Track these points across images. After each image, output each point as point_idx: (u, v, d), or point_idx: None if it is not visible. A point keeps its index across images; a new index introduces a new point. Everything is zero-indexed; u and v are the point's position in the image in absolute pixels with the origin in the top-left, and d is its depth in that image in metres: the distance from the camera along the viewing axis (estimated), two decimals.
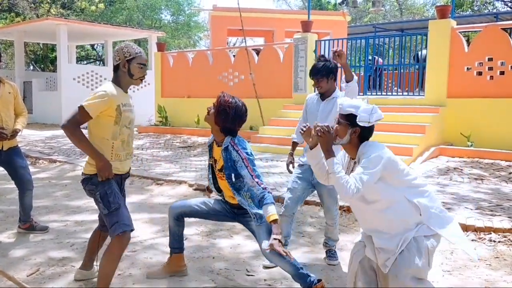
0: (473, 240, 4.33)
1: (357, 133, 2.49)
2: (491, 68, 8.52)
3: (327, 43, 11.07)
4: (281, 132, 9.62)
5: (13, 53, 20.59)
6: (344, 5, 20.51)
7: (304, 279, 3.03)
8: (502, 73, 8.43)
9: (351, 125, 2.48)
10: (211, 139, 3.31)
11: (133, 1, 25.64)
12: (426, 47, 9.45)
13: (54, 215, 5.17)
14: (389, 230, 2.44)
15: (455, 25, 9.08)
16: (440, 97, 8.92)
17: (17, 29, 17.41)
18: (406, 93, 10.25)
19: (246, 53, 11.63)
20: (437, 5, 22.60)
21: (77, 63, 22.93)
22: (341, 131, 2.50)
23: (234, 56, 12.68)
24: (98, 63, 30.14)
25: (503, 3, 24.46)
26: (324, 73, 3.65)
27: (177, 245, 3.44)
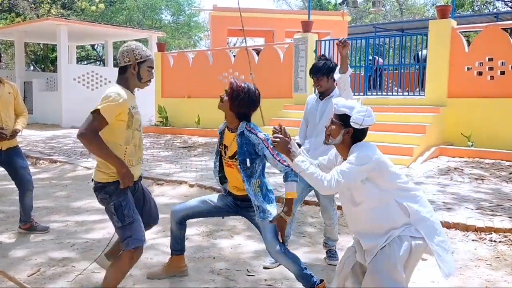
0: (473, 240, 4.33)
1: (350, 134, 2.46)
2: (491, 68, 8.51)
3: (327, 43, 11.07)
4: None
5: (14, 54, 20.60)
6: (344, 5, 20.50)
7: (307, 279, 3.03)
8: (502, 73, 8.43)
9: (344, 126, 2.46)
10: (222, 126, 3.27)
11: (133, 1, 25.66)
12: (426, 47, 9.45)
13: (54, 216, 5.17)
14: (377, 230, 2.42)
15: (455, 25, 9.08)
16: (440, 97, 8.92)
17: (18, 30, 17.41)
18: (406, 93, 10.24)
19: (246, 53, 11.63)
20: (438, 5, 22.59)
21: (77, 64, 22.94)
22: (334, 131, 2.49)
23: (234, 56, 12.69)
24: (98, 64, 30.15)
25: (503, 3, 24.46)
26: (324, 72, 3.68)
27: (178, 247, 3.43)
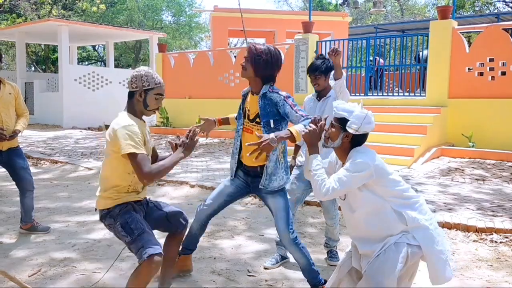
0: (474, 240, 4.33)
1: (349, 138, 2.42)
2: (492, 68, 8.51)
3: (328, 43, 11.07)
4: None
5: (15, 54, 20.63)
6: (345, 6, 20.51)
7: (314, 275, 3.03)
8: (503, 73, 8.42)
9: (343, 129, 2.42)
10: (247, 89, 3.24)
11: (134, 2, 25.70)
12: (427, 48, 9.45)
13: (55, 216, 5.18)
14: (373, 237, 2.39)
15: (456, 25, 9.08)
16: (441, 97, 8.92)
17: (19, 30, 17.43)
18: (407, 94, 10.25)
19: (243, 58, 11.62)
20: (438, 5, 22.58)
21: (78, 64, 22.96)
22: (334, 134, 2.45)
23: (235, 57, 12.69)
24: (99, 64, 30.21)
25: (504, 3, 24.45)
26: (322, 70, 3.69)
27: (191, 247, 3.39)
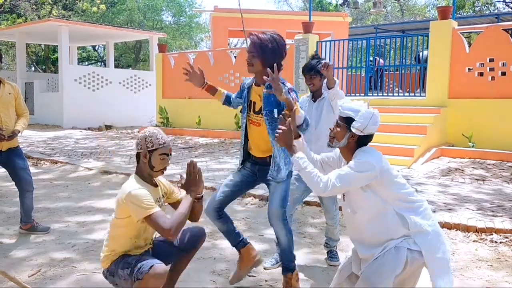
0: (474, 240, 4.33)
1: (355, 138, 2.37)
2: (492, 68, 8.51)
3: (328, 44, 11.07)
4: None
5: (15, 55, 20.64)
6: (345, 6, 20.51)
7: (290, 259, 3.05)
8: (503, 73, 8.42)
9: (349, 129, 2.36)
10: (250, 81, 3.15)
11: (134, 2, 25.71)
12: (427, 48, 9.45)
13: (55, 216, 5.18)
14: (374, 241, 2.35)
15: (456, 26, 9.08)
16: (441, 97, 8.92)
17: (19, 31, 17.44)
18: (407, 94, 10.25)
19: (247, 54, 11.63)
20: (439, 6, 22.59)
21: (78, 64, 22.98)
22: (339, 134, 2.40)
23: (235, 57, 12.70)
24: (99, 64, 30.22)
25: (504, 3, 24.46)
26: (318, 70, 3.68)
27: (238, 240, 3.25)
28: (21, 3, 20.89)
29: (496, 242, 4.26)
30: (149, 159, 2.62)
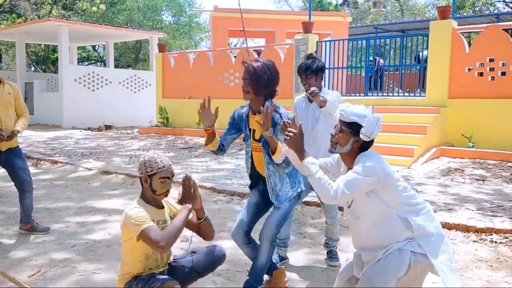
0: (474, 241, 4.33)
1: (360, 143, 2.33)
2: (492, 68, 8.51)
3: (328, 44, 11.07)
4: None
5: (15, 54, 20.63)
6: (345, 6, 20.51)
7: (259, 279, 3.03)
8: (503, 73, 8.42)
9: (354, 134, 2.31)
10: (246, 110, 3.12)
11: (134, 2, 25.70)
12: (427, 48, 9.45)
13: (55, 216, 5.18)
14: (378, 244, 2.33)
15: (456, 25, 9.08)
16: (441, 97, 8.92)
17: (19, 30, 17.43)
18: (407, 94, 10.25)
19: (247, 54, 11.63)
20: (438, 6, 22.59)
21: (78, 64, 22.97)
22: (342, 139, 2.34)
23: (235, 57, 12.70)
24: (99, 64, 30.21)
25: (504, 3, 24.46)
26: (313, 70, 3.66)
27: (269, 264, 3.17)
28: (21, 3, 20.90)
29: (496, 242, 4.26)
30: (150, 183, 2.64)
